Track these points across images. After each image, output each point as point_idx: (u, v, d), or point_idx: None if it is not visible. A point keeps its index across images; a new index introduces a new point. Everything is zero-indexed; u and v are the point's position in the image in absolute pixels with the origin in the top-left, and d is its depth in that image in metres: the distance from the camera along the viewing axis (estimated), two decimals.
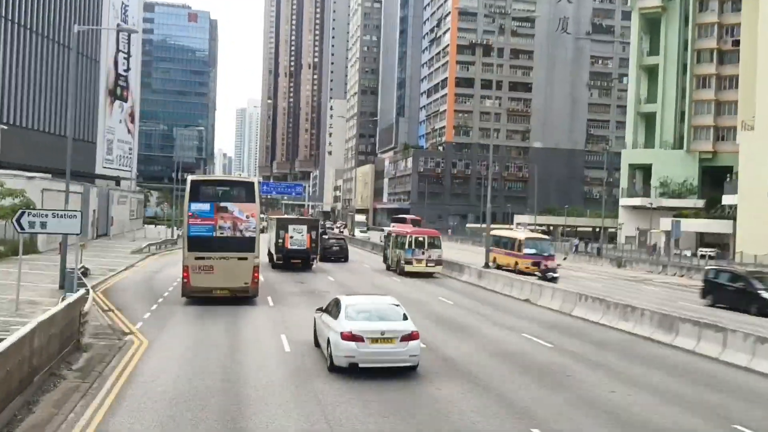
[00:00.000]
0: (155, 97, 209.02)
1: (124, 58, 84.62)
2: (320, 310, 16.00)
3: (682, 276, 45.34)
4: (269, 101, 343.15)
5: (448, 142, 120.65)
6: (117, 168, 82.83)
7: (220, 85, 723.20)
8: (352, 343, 13.39)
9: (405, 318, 14.22)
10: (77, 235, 21.27)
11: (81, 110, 74.97)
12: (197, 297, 22.94)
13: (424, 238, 36.31)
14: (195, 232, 22.78)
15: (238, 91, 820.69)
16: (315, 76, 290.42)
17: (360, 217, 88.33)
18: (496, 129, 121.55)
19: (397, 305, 14.80)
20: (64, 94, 70.86)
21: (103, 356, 14.55)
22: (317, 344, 15.85)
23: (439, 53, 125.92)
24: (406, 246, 36.09)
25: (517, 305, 25.77)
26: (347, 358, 13.46)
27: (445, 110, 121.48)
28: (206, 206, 22.77)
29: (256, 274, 23.03)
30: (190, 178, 24.06)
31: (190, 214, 22.77)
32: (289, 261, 36.84)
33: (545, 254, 39.34)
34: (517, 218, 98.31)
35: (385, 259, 41.24)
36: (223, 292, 22.72)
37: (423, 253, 35.74)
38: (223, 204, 22.94)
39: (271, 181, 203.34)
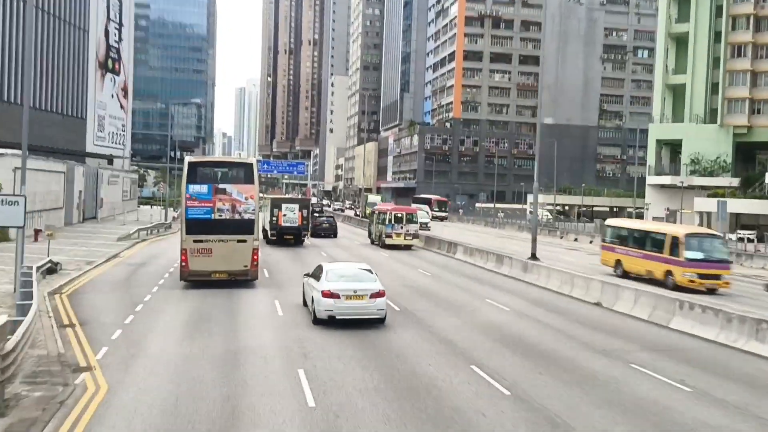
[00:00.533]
0: (152, 74, 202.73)
1: (116, 28, 78.71)
2: (307, 275, 19.04)
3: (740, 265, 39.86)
4: (269, 79, 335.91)
5: (455, 119, 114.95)
6: (109, 146, 77.36)
7: (219, 65, 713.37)
8: (331, 300, 16.30)
9: (374, 280, 17.08)
10: (19, 228, 16.00)
11: (69, 83, 69.32)
12: (195, 281, 22.26)
13: (402, 215, 40.28)
14: (193, 214, 22.15)
15: (237, 70, 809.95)
16: (315, 53, 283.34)
17: (374, 198, 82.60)
18: (505, 104, 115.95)
19: (369, 270, 17.83)
20: (49, 66, 65.19)
21: (29, 424, 9.35)
22: (305, 304, 18.78)
23: (446, 26, 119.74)
24: (386, 222, 40.05)
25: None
26: (326, 311, 16.39)
27: (452, 85, 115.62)
28: (204, 188, 22.14)
29: (255, 257, 22.46)
30: (187, 159, 23.19)
31: (188, 196, 22.12)
32: (282, 237, 39.25)
33: (718, 260, 25.83)
34: (531, 197, 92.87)
35: (370, 234, 44.88)
36: (222, 275, 22.18)
37: (401, 227, 39.74)
38: (221, 186, 22.32)
39: (271, 160, 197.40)
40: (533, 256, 26.89)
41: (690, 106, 67.29)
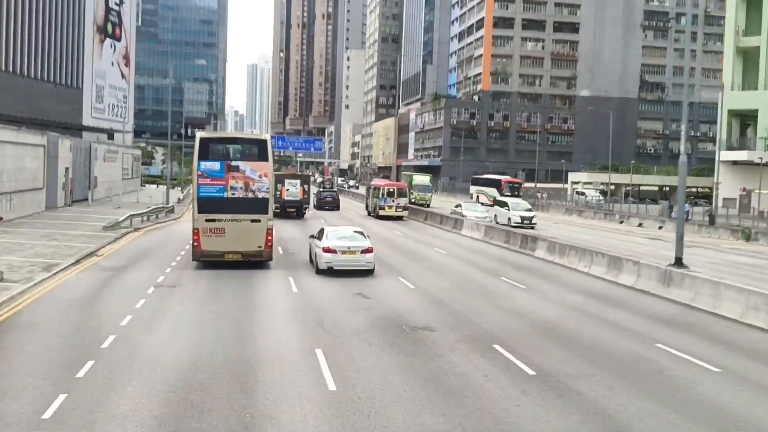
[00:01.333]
0: (161, 48, 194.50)
1: None
2: (312, 236, 23.39)
3: None
4: (281, 54, 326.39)
5: (484, 91, 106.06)
6: (109, 118, 69.40)
7: (231, 42, 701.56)
8: (330, 254, 20.58)
9: (365, 239, 21.40)
10: None
11: (62, 48, 61.23)
12: (208, 261, 21.39)
13: (394, 189, 45.81)
14: (205, 192, 21.20)
15: (249, 46, 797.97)
16: (329, 27, 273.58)
17: (422, 178, 62.89)
18: (538, 75, 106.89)
19: (361, 232, 22.24)
20: (39, 28, 57.10)
21: None
22: (311, 260, 22.66)
23: None
24: (380, 195, 45.07)
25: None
26: (326, 263, 20.60)
27: (480, 55, 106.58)
28: (216, 165, 21.24)
29: (269, 238, 21.62)
30: (199, 134, 21.96)
31: (199, 173, 21.13)
32: (285, 210, 42.43)
33: None
34: (572, 176, 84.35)
35: (366, 207, 50.23)
36: (236, 255, 21.34)
37: (393, 200, 44.70)
38: (234, 163, 21.44)
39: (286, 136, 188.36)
40: (678, 262, 18.40)
41: (765, 73, 58.45)
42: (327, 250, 20.48)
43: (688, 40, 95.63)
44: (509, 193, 60.22)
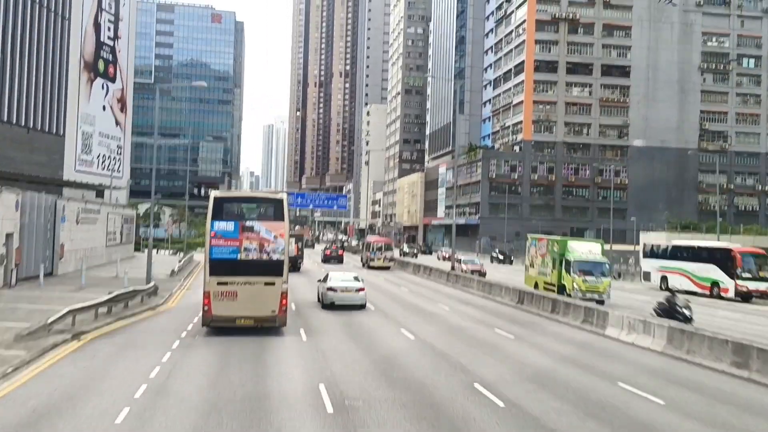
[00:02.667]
0: (174, 105, 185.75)
1: (110, 21, 59.51)
2: (319, 280, 29.64)
3: None
4: (298, 113, 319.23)
5: (525, 141, 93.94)
6: (98, 172, 57.51)
7: (246, 102, 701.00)
8: (331, 293, 27.10)
9: (359, 281, 28.08)
10: None
11: (39, 87, 49.96)
12: (219, 326, 20.12)
13: (382, 245, 55.97)
14: (218, 254, 20.09)
15: (265, 108, 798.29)
16: (347, 85, 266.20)
17: (587, 248, 33.98)
18: (585, 123, 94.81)
19: (356, 277, 28.83)
20: (11, 62, 45.72)
21: None
22: (318, 299, 28.77)
23: (510, 33, 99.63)
24: (371, 250, 55.36)
25: None
26: (330, 300, 27.03)
27: (520, 102, 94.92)
28: (230, 225, 20.21)
29: (284, 301, 20.38)
30: (213, 194, 21.02)
31: (212, 233, 20.13)
32: None
33: None
34: (646, 236, 70.81)
35: (361, 259, 59.47)
36: (248, 321, 20.11)
37: (381, 254, 54.33)
38: (249, 223, 20.40)
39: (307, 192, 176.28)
40: None
41: None
42: (330, 289, 27.38)
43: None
44: (749, 274, 36.94)
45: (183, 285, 36.91)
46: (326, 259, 58.98)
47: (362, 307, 27.05)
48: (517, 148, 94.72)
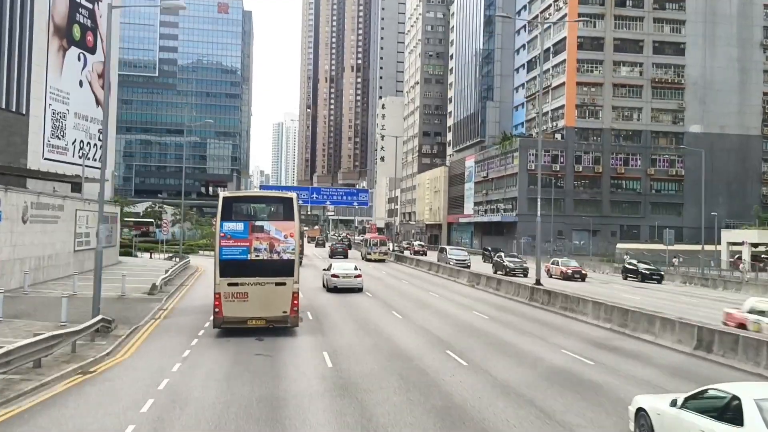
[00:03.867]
0: (180, 100, 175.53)
1: None
2: (324, 269, 35.79)
3: None
4: (308, 110, 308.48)
5: (568, 128, 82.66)
6: (73, 161, 46.86)
7: (255, 100, 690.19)
8: (335, 278, 32.84)
9: (357, 269, 34.06)
10: None
11: None
12: (230, 328, 19.58)
13: (377, 241, 64.95)
14: (227, 254, 19.60)
15: (275, 105, 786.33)
16: (358, 79, 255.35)
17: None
18: (635, 108, 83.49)
19: (355, 266, 34.88)
20: None
21: None
22: (323, 285, 34.50)
23: (548, 8, 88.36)
24: (369, 245, 63.92)
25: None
26: (333, 284, 32.80)
27: (561, 84, 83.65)
28: (240, 226, 19.73)
29: (295, 302, 19.93)
30: (222, 194, 20.92)
31: (222, 234, 19.68)
32: None
33: None
34: (729, 234, 59.40)
35: (361, 254, 66.96)
36: (259, 322, 19.71)
37: (377, 248, 62.34)
38: (258, 223, 20.00)
39: (321, 186, 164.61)
40: None
41: None
42: (334, 276, 33.21)
43: None
44: None
45: (165, 307, 26.17)
46: (332, 254, 64.48)
47: (360, 290, 33.04)
48: (558, 136, 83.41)
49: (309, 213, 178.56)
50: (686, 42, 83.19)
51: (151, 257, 59.49)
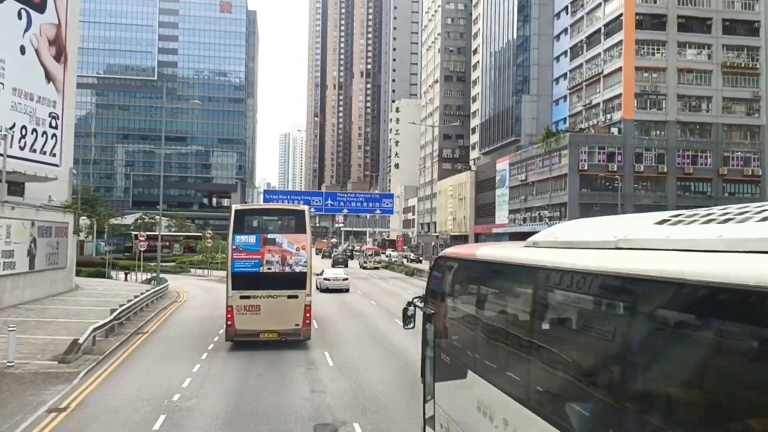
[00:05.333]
0: (180, 105, 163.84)
1: None
2: (317, 274, 39.24)
3: None
4: (316, 118, 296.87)
5: (626, 121, 70.06)
6: (16, 154, 34.49)
7: (261, 110, 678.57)
8: (327, 281, 41.43)
9: (346, 274, 43.33)
10: None
11: None
12: (242, 341, 19.62)
13: (372, 252, 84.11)
14: (239, 267, 19.81)
15: (281, 115, 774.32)
16: (368, 85, 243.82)
17: None
18: (704, 97, 70.84)
19: (344, 272, 45.20)
20: None
21: None
22: (317, 287, 38.73)
23: None
24: (365, 255, 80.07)
25: None
26: (326, 286, 41.05)
27: (617, 69, 71.16)
28: (252, 239, 20.03)
29: (308, 315, 20.02)
30: (234, 207, 21.18)
31: (234, 247, 19.89)
32: None
33: None
34: None
35: (359, 263, 78.32)
36: (272, 335, 19.75)
37: (372, 258, 78.93)
38: (270, 236, 20.30)
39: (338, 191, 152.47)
40: None
41: None
42: (326, 279, 41.38)
43: None
44: None
45: (73, 395, 13.56)
46: (334, 264, 66.81)
47: (347, 290, 41.22)
48: (615, 131, 70.75)
49: (317, 225, 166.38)
50: (761, 20, 70.67)
51: (126, 279, 47.03)
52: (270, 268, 19.67)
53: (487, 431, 6.40)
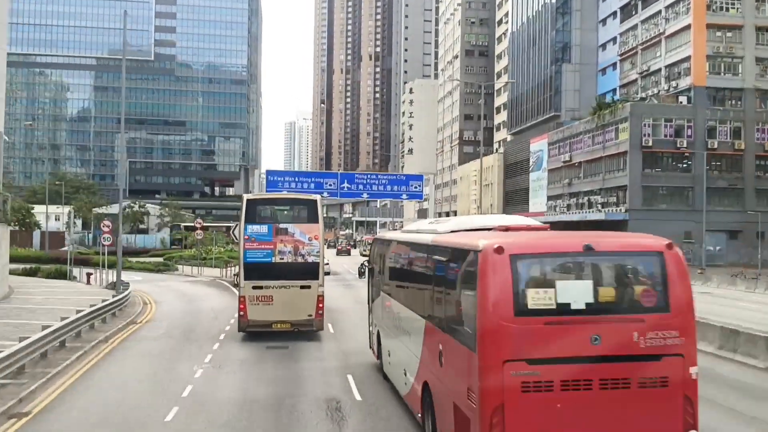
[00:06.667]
0: (179, 87, 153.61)
1: None
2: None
3: None
4: (322, 105, 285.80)
5: (697, 88, 59.10)
6: None
7: (265, 98, 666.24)
8: (327, 266, 33.00)
9: (326, 261, 28.56)
10: None
11: None
12: (255, 332, 19.47)
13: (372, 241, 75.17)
14: (252, 257, 19.72)
15: (286, 103, 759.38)
16: (377, 69, 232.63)
17: None
18: None
19: (326, 259, 38.40)
20: None
21: None
22: None
23: None
24: (365, 244, 75.28)
25: None
26: (326, 270, 35.36)
27: (684, 28, 60.13)
28: (264, 228, 19.84)
29: (320, 305, 19.76)
30: (246, 196, 21.40)
31: (246, 237, 19.76)
32: None
33: None
34: None
35: (360, 251, 77.29)
36: (284, 325, 19.49)
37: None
38: (282, 225, 20.05)
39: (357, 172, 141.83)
40: None
41: None
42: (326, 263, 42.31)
43: None
44: None
45: None
46: (338, 253, 72.95)
47: (327, 273, 34.40)
48: (685, 99, 59.79)
49: (325, 215, 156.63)
50: None
51: (89, 282, 36.52)
52: (282, 258, 19.69)
53: (389, 321, 13.86)
